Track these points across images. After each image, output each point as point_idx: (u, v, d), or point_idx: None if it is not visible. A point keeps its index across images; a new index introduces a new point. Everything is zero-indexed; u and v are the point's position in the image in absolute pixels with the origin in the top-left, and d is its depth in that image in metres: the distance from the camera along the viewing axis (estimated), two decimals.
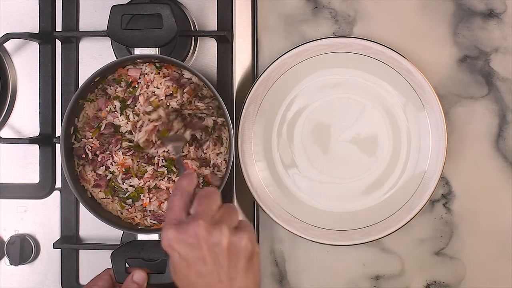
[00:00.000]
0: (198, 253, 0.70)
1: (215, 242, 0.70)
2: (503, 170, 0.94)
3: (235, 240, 0.71)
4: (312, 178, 0.96)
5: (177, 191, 0.75)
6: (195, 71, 0.86)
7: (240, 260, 0.71)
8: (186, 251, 0.71)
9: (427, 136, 0.93)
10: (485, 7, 0.94)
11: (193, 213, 0.73)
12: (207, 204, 0.73)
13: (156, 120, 0.88)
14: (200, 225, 0.70)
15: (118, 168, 0.89)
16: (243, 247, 0.72)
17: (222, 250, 0.70)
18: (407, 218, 0.91)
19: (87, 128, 0.90)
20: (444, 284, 0.95)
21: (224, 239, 0.70)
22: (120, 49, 0.96)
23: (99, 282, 0.87)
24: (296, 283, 0.97)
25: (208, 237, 0.70)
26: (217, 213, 0.73)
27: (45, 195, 0.98)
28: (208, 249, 0.70)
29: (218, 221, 0.71)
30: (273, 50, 0.96)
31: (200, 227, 0.70)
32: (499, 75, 0.94)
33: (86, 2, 0.97)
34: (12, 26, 0.98)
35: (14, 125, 0.98)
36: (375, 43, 0.91)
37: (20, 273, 0.98)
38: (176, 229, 0.71)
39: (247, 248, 0.72)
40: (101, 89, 0.91)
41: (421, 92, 0.91)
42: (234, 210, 0.74)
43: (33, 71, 0.98)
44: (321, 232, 0.93)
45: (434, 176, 0.91)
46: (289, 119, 0.96)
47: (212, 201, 0.73)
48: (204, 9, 0.96)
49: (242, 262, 0.72)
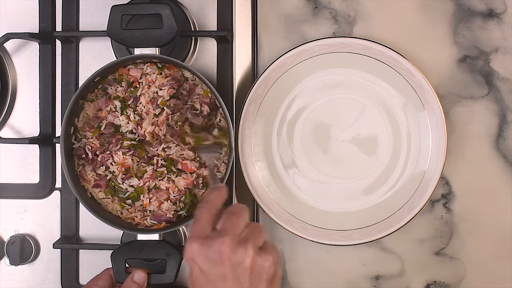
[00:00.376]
0: (220, 270, 0.69)
1: (239, 261, 0.69)
2: (503, 170, 0.94)
3: (259, 261, 0.70)
4: (312, 178, 0.96)
5: (206, 203, 0.73)
6: (195, 71, 0.86)
7: (262, 282, 0.70)
8: (208, 266, 0.69)
9: (427, 136, 0.93)
10: (485, 7, 0.94)
11: (219, 229, 0.71)
12: (235, 221, 0.71)
13: (168, 110, 0.88)
14: (225, 242, 0.69)
15: (118, 168, 0.89)
16: (266, 269, 0.70)
17: (244, 270, 0.69)
18: (407, 218, 0.91)
19: (87, 128, 0.90)
20: (444, 284, 0.95)
21: (248, 259, 0.69)
22: (120, 49, 0.96)
23: (99, 282, 0.87)
24: (296, 283, 0.97)
25: (232, 255, 0.69)
26: (244, 231, 0.71)
27: (45, 195, 0.98)
28: (231, 267, 0.69)
29: (244, 239, 0.70)
30: (273, 50, 0.96)
31: (225, 244, 0.69)
32: (499, 75, 0.94)
33: (86, 2, 0.97)
34: (12, 26, 0.98)
35: (14, 125, 0.98)
36: (375, 43, 0.91)
37: (20, 273, 0.98)
38: (201, 243, 0.70)
39: (270, 270, 0.71)
40: (101, 89, 0.91)
41: (421, 92, 0.91)
42: (262, 229, 0.73)
43: (33, 71, 0.98)
44: (321, 232, 0.93)
45: (434, 176, 0.91)
46: (289, 119, 0.96)
47: (240, 218, 0.72)
48: (204, 9, 0.96)
49: (263, 284, 0.70)
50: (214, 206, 0.73)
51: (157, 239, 0.87)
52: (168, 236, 0.91)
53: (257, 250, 0.70)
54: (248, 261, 0.69)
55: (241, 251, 0.69)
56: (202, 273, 0.70)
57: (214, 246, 0.69)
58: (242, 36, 0.95)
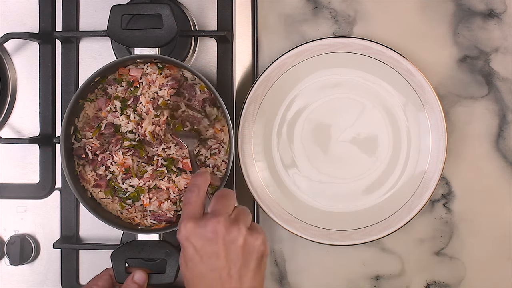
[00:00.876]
0: (214, 248, 0.73)
1: (232, 239, 0.73)
2: (503, 170, 0.94)
3: (250, 240, 0.74)
4: (312, 178, 0.96)
5: (194, 187, 0.77)
6: (195, 71, 0.86)
7: (252, 260, 0.74)
8: (203, 244, 0.73)
9: (427, 136, 0.93)
10: (485, 7, 0.94)
11: (211, 211, 0.75)
12: (225, 203, 0.76)
13: (166, 112, 0.88)
14: (220, 222, 0.73)
15: (118, 168, 0.89)
16: (256, 248, 0.75)
17: (237, 248, 0.73)
18: (407, 218, 0.91)
19: (87, 128, 0.90)
20: (444, 284, 0.95)
21: (241, 238, 0.73)
22: (120, 49, 0.96)
23: (99, 282, 0.87)
24: (296, 283, 0.97)
25: (226, 234, 0.73)
26: (233, 212, 0.76)
27: (45, 195, 0.98)
28: (224, 245, 0.73)
29: (235, 220, 0.74)
30: (273, 50, 0.96)
31: (220, 223, 0.73)
32: (499, 75, 0.94)
33: (86, 2, 0.97)
34: (12, 26, 0.98)
35: (14, 125, 0.98)
36: (375, 43, 0.91)
37: (20, 273, 0.98)
38: (195, 222, 0.74)
39: (260, 249, 0.75)
40: (101, 89, 0.91)
41: (421, 92, 0.91)
42: (248, 211, 0.77)
43: (33, 71, 0.98)
44: (321, 232, 0.93)
45: (434, 176, 0.91)
46: (289, 119, 0.96)
47: (230, 201, 0.77)
48: (204, 9, 0.96)
49: (253, 262, 0.74)
50: (202, 190, 0.78)
51: (157, 239, 0.87)
52: (168, 236, 0.91)
53: (248, 230, 0.75)
54: (241, 240, 0.73)
55: (235, 230, 0.73)
56: (196, 251, 0.74)
57: (209, 225, 0.73)
58: (242, 36, 0.95)
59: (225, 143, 0.90)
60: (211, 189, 0.89)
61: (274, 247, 0.97)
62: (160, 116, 0.89)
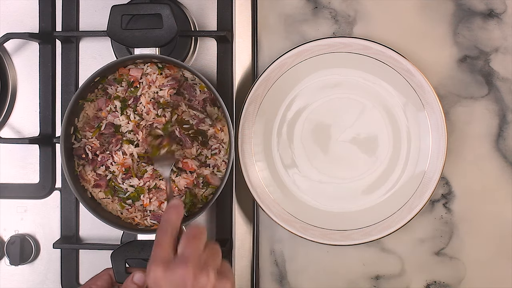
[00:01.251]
0: None
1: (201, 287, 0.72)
2: (503, 170, 0.94)
3: (219, 287, 0.74)
4: (312, 178, 0.96)
5: (166, 224, 0.77)
6: (195, 71, 0.86)
7: None
8: None
9: (427, 136, 0.93)
10: (485, 7, 0.94)
11: (180, 254, 0.74)
12: (196, 245, 0.75)
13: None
14: (189, 269, 0.72)
15: (118, 168, 0.89)
16: None
17: None
18: (407, 218, 0.91)
19: (87, 128, 0.90)
20: (444, 284, 0.95)
21: (209, 286, 0.73)
22: (120, 49, 0.96)
23: (98, 282, 0.87)
24: (296, 283, 0.97)
25: (194, 282, 0.72)
26: (203, 253, 0.75)
27: (45, 195, 0.98)
28: None
29: (204, 264, 0.74)
30: (273, 50, 0.96)
31: (189, 270, 0.72)
32: (499, 75, 0.94)
33: (86, 2, 0.97)
34: (12, 26, 0.98)
35: (14, 125, 0.98)
36: (375, 43, 0.91)
37: (20, 273, 0.98)
38: (164, 268, 0.73)
39: None
40: (101, 89, 0.91)
41: (421, 92, 0.91)
42: (218, 251, 0.77)
43: (33, 71, 0.98)
44: (321, 232, 0.93)
45: (434, 176, 0.91)
46: (289, 119, 0.96)
47: (200, 241, 0.76)
48: (204, 9, 0.96)
49: None
50: (175, 228, 0.77)
51: None
52: None
53: (217, 275, 0.74)
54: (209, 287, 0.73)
55: (204, 278, 0.73)
56: None
57: (177, 272, 0.72)
58: (242, 36, 0.95)
59: (225, 143, 0.90)
60: (211, 189, 0.89)
61: (274, 247, 0.97)
62: (161, 116, 0.89)
